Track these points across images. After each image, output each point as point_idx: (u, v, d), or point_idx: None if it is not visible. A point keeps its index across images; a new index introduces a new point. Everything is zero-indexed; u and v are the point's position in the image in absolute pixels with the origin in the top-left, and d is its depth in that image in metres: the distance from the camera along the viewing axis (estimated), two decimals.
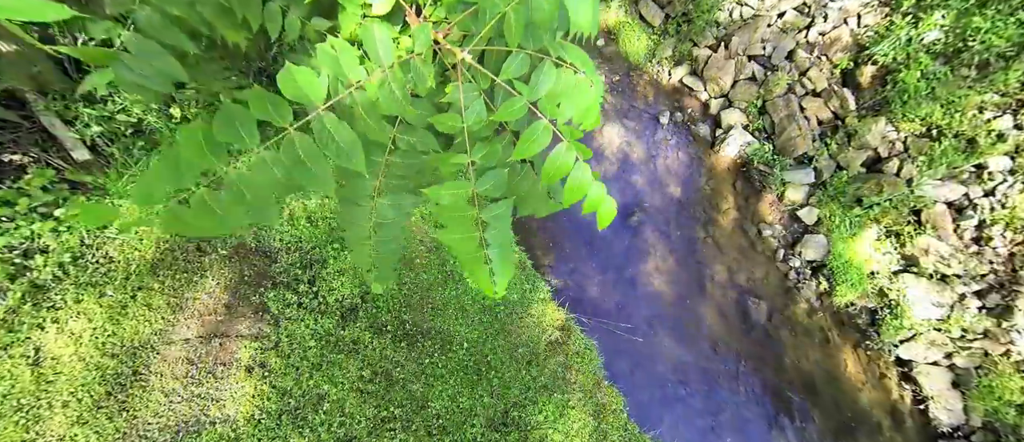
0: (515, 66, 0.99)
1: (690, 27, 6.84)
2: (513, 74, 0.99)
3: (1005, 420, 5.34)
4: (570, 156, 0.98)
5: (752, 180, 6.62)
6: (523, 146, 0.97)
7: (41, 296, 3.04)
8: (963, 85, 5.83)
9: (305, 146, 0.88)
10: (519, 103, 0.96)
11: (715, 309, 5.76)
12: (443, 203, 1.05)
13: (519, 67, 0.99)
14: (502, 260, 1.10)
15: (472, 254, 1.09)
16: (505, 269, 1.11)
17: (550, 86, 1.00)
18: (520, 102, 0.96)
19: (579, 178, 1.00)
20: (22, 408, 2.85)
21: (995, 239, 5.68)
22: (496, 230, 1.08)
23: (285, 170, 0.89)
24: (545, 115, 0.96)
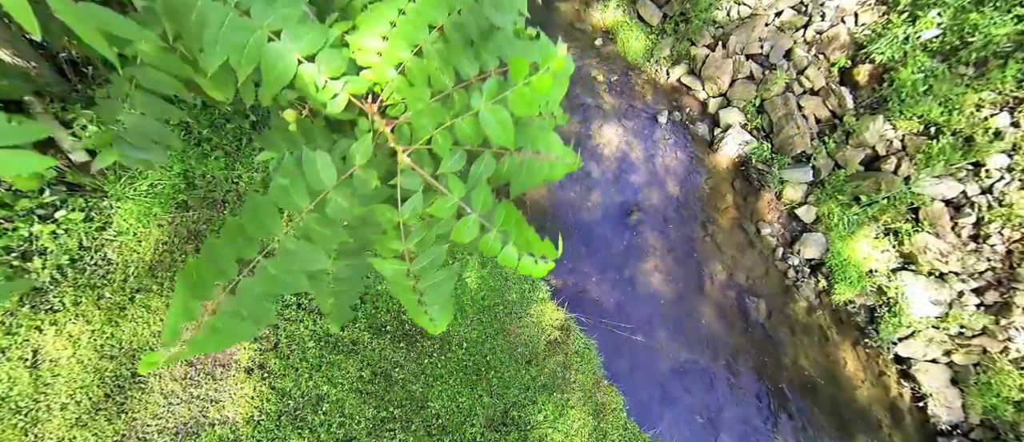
0: (451, 162, 1.11)
1: (688, 26, 6.85)
2: (450, 169, 1.11)
3: (1003, 417, 5.36)
4: (497, 243, 1.13)
5: (751, 179, 6.63)
6: (455, 234, 1.10)
7: (39, 298, 3.03)
8: (960, 83, 5.85)
9: (275, 267, 1.03)
10: (449, 202, 1.08)
11: (714, 308, 5.77)
12: (386, 275, 1.19)
13: (456, 163, 1.12)
14: (441, 310, 1.24)
15: (413, 306, 1.24)
16: (444, 316, 1.25)
17: (490, 173, 1.14)
18: (450, 201, 1.08)
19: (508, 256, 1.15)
20: (20, 411, 2.85)
21: (993, 236, 5.70)
22: (434, 293, 1.21)
23: (264, 287, 1.04)
24: (474, 210, 1.09)
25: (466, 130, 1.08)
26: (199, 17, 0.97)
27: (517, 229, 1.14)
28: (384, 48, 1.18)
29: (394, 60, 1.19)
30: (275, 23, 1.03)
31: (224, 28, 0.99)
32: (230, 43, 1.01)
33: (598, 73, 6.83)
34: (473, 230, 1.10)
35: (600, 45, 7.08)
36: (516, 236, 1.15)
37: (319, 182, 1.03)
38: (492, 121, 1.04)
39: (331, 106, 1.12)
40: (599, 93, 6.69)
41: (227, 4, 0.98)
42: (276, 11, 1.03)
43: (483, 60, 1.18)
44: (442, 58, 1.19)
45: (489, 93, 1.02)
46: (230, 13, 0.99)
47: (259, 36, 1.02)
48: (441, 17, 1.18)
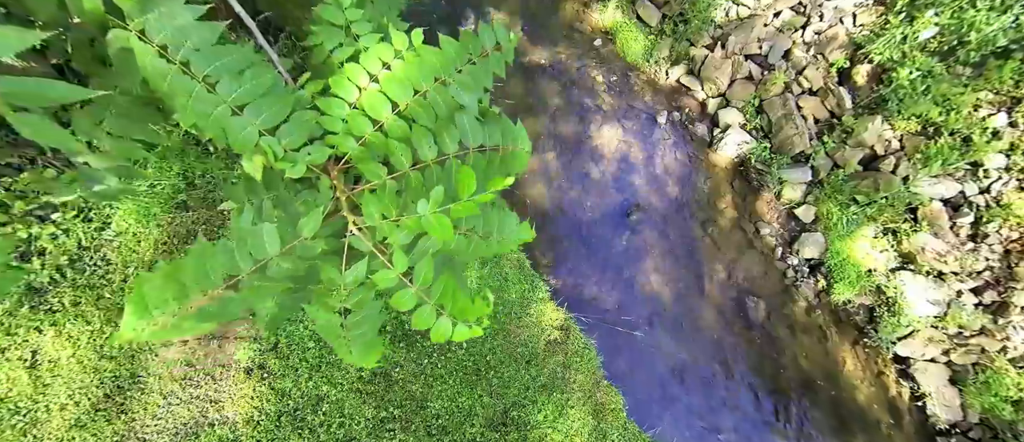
0: (400, 237, 1.18)
1: (687, 27, 6.86)
2: (399, 243, 1.17)
3: (1002, 416, 5.37)
4: (433, 315, 1.19)
5: (750, 179, 6.64)
6: (395, 301, 1.16)
7: (38, 299, 3.03)
8: (958, 83, 5.87)
9: (213, 308, 1.07)
10: (390, 275, 1.14)
11: (714, 307, 5.78)
12: (318, 322, 1.24)
13: (404, 238, 1.18)
14: (365, 353, 1.31)
15: (342, 349, 1.31)
16: (369, 357, 1.32)
17: (434, 249, 1.22)
18: (391, 275, 1.14)
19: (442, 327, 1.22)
20: (19, 411, 2.84)
21: (991, 236, 5.71)
22: (360, 339, 1.27)
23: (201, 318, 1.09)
24: (415, 283, 1.15)
25: (411, 227, 1.13)
26: (171, 86, 1.02)
27: (453, 300, 1.20)
28: (350, 115, 1.24)
29: (358, 131, 1.24)
30: (240, 97, 1.08)
31: (192, 99, 1.04)
32: (197, 112, 1.06)
33: (597, 74, 6.84)
34: (412, 301, 1.15)
35: (599, 46, 7.09)
36: (452, 307, 1.20)
37: (262, 251, 1.06)
38: (435, 225, 1.08)
39: (290, 173, 1.18)
40: (598, 93, 6.70)
41: (194, 78, 1.02)
42: (242, 85, 1.08)
43: (442, 143, 1.23)
44: (403, 136, 1.23)
45: (434, 202, 1.07)
46: (197, 87, 1.04)
47: (223, 109, 1.08)
48: (406, 96, 1.23)
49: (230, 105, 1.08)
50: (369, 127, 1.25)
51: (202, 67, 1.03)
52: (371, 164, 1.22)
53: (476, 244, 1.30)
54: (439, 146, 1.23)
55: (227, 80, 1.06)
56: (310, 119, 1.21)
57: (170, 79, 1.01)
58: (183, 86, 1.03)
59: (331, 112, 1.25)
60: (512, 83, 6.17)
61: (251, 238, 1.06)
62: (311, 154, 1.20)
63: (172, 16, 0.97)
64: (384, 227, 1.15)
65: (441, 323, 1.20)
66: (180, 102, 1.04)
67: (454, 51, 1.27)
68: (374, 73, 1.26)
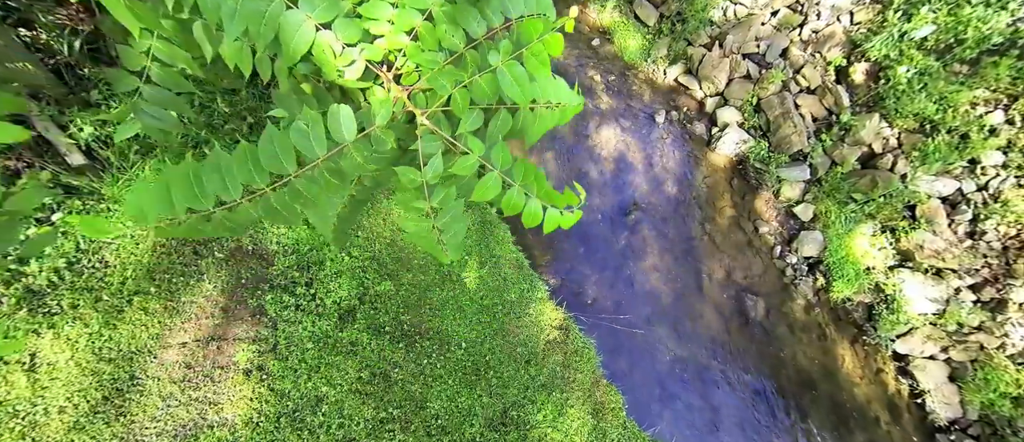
0: (470, 121, 1.15)
1: (684, 26, 6.87)
2: (469, 128, 1.14)
3: (1001, 413, 5.38)
4: (521, 198, 1.16)
5: (748, 178, 6.65)
6: (478, 192, 1.13)
7: (36, 301, 3.02)
8: (955, 81, 5.88)
9: (279, 200, 1.05)
10: (470, 160, 1.11)
11: (713, 306, 5.78)
12: (409, 230, 1.22)
13: (474, 122, 1.15)
14: (455, 246, 1.30)
15: (431, 246, 1.29)
16: (457, 250, 1.31)
17: (506, 130, 1.19)
18: (471, 159, 1.10)
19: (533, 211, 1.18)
20: (18, 414, 2.84)
21: (989, 233, 5.72)
22: (453, 236, 1.25)
23: (262, 213, 1.07)
24: (495, 167, 1.13)
25: (484, 88, 1.11)
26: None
27: (538, 184, 1.16)
28: (395, 15, 1.22)
29: (406, 25, 1.22)
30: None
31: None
32: (249, 13, 1.03)
33: (595, 73, 6.85)
34: (496, 186, 1.12)
35: (597, 45, 7.10)
36: (537, 190, 1.17)
37: (340, 134, 1.04)
38: (509, 78, 1.08)
39: (349, 72, 1.16)
40: (597, 93, 6.71)
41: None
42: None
43: (488, 18, 1.23)
44: (451, 20, 1.22)
45: (505, 51, 1.07)
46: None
47: (277, 5, 1.05)
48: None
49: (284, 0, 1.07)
50: (418, 18, 1.23)
51: None
52: (427, 54, 1.21)
53: (541, 115, 1.28)
54: (486, 21, 1.22)
55: None
56: (358, 24, 1.20)
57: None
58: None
59: (376, 16, 1.23)
60: None
61: (330, 119, 1.04)
62: (366, 51, 1.19)
63: None
64: (456, 98, 1.12)
65: (531, 204, 1.16)
66: (228, 8, 1.01)
67: None
68: None
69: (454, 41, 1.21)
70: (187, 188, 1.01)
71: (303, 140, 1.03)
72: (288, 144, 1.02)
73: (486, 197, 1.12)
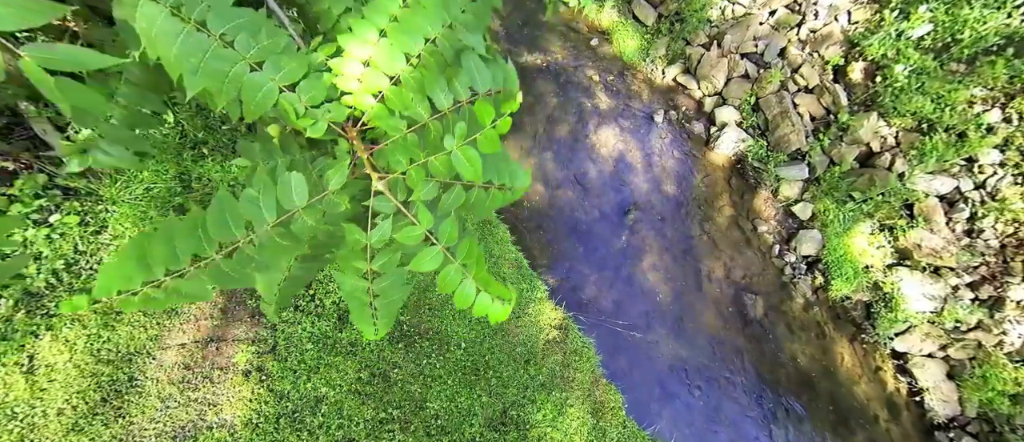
0: (425, 191, 1.18)
1: (683, 26, 6.88)
2: (422, 198, 1.17)
3: (999, 410, 5.39)
4: (458, 277, 1.17)
5: (747, 177, 6.66)
6: (417, 262, 1.15)
7: (35, 303, 3.02)
8: (952, 79, 5.90)
9: (230, 266, 1.05)
10: (416, 232, 1.13)
11: (712, 305, 5.79)
12: (344, 289, 1.22)
13: (428, 193, 1.18)
14: (386, 321, 1.30)
15: (362, 316, 1.30)
16: (386, 325, 1.31)
17: (458, 204, 1.23)
18: (417, 231, 1.13)
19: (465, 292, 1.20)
20: (16, 416, 2.83)
21: (986, 231, 5.74)
22: (387, 308, 1.26)
23: (212, 280, 1.07)
24: (440, 241, 1.15)
25: (439, 167, 1.14)
26: (182, 46, 0.99)
27: (477, 267, 1.18)
28: (364, 74, 1.24)
29: (374, 87, 1.24)
30: (257, 54, 1.07)
31: (207, 57, 1.01)
32: (212, 72, 1.03)
33: (594, 73, 6.86)
34: (437, 261, 1.14)
35: (596, 45, 7.10)
36: (476, 272, 1.18)
37: (290, 201, 1.04)
38: (463, 160, 1.11)
39: (311, 131, 1.16)
40: (595, 93, 6.71)
41: (211, 36, 1.00)
42: (259, 42, 1.06)
43: (455, 90, 1.25)
44: (418, 87, 1.24)
45: (460, 135, 1.10)
46: (213, 44, 1.01)
47: (240, 66, 1.05)
48: (417, 46, 1.23)
49: (248, 62, 1.07)
50: (384, 82, 1.24)
51: (218, 25, 1.02)
52: (390, 119, 1.22)
53: (493, 195, 1.32)
54: (453, 93, 1.24)
55: (244, 37, 1.05)
56: (326, 80, 1.21)
57: (182, 39, 0.98)
58: (197, 45, 1.00)
59: (345, 71, 1.24)
60: None
61: (279, 187, 1.04)
62: (331, 111, 1.20)
63: None
64: (411, 174, 1.14)
65: (466, 286, 1.18)
66: (191, 63, 1.01)
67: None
68: (382, 26, 1.26)
69: (419, 110, 1.22)
70: (139, 259, 1.01)
71: (253, 208, 1.03)
72: (238, 212, 1.02)
73: (424, 269, 1.14)
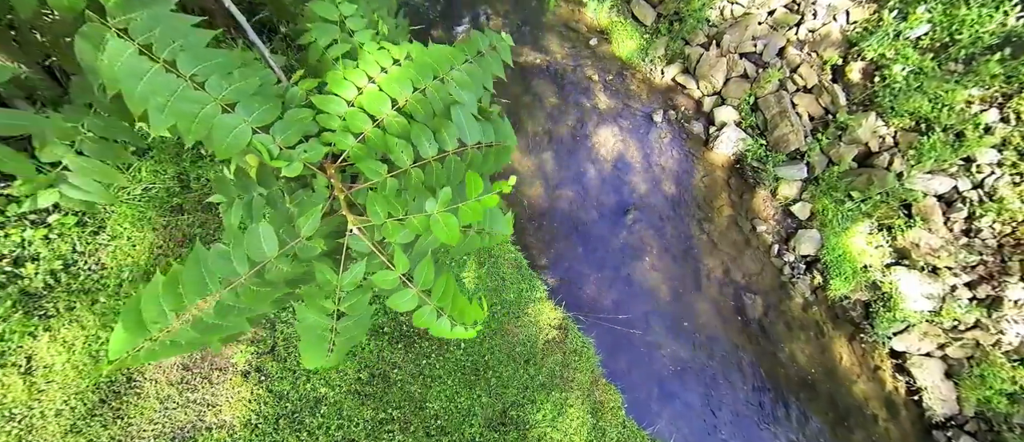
0: (401, 236, 1.15)
1: (682, 26, 6.89)
2: (399, 242, 1.15)
3: (997, 409, 5.41)
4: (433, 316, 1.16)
5: (746, 176, 6.67)
6: (394, 302, 1.13)
7: (32, 304, 3.00)
8: (950, 79, 5.92)
9: (210, 317, 1.02)
10: (391, 276, 1.11)
11: (711, 305, 5.80)
12: (304, 323, 1.18)
13: (404, 237, 1.16)
14: (342, 349, 1.26)
15: (314, 348, 1.24)
16: (339, 357, 1.26)
17: (434, 247, 1.20)
18: (393, 275, 1.11)
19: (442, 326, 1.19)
20: (14, 418, 2.82)
21: (984, 231, 5.76)
22: (344, 344, 1.22)
23: (199, 334, 1.04)
24: (416, 286, 1.13)
25: (417, 225, 1.12)
26: (147, 85, 0.94)
27: (453, 302, 1.19)
28: (348, 114, 1.21)
29: (356, 128, 1.21)
30: (230, 96, 1.02)
31: (174, 98, 0.96)
32: (179, 112, 0.98)
33: (593, 73, 6.86)
34: (412, 302, 1.14)
35: (595, 45, 7.10)
36: (452, 308, 1.18)
37: (260, 253, 1.02)
38: (442, 225, 1.08)
39: (287, 171, 1.14)
40: (594, 93, 6.71)
41: (180, 77, 0.96)
42: (232, 83, 1.02)
43: (442, 140, 1.21)
44: (403, 133, 1.21)
45: (443, 201, 1.06)
46: (182, 85, 0.96)
47: (211, 108, 1.00)
48: (405, 93, 1.21)
49: (219, 103, 1.02)
50: (368, 124, 1.22)
51: (189, 66, 0.97)
52: (371, 162, 1.20)
53: (471, 239, 1.31)
54: (439, 143, 1.21)
55: (216, 79, 1.00)
56: (305, 117, 1.18)
57: (148, 78, 0.93)
58: (165, 85, 0.95)
59: (328, 109, 1.22)
60: (509, 82, 6.17)
61: (248, 240, 1.02)
62: (307, 152, 1.16)
63: (165, 17, 0.93)
64: (388, 226, 1.12)
65: (441, 323, 1.19)
66: (157, 102, 0.95)
67: (450, 51, 1.28)
68: (372, 75, 1.25)
69: (402, 157, 1.19)
70: (137, 321, 0.99)
71: (224, 263, 1.00)
72: (210, 268, 1.00)
73: (402, 310, 1.14)
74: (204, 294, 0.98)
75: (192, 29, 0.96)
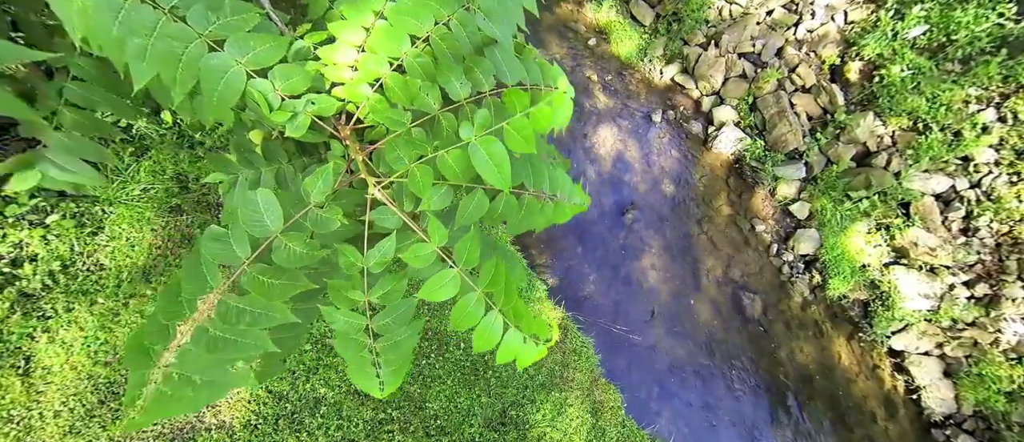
0: (434, 200, 0.91)
1: (680, 26, 6.90)
2: (434, 207, 0.91)
3: (995, 408, 5.43)
4: (479, 309, 0.89)
5: (744, 176, 6.68)
6: (428, 291, 0.89)
7: (30, 305, 3.00)
8: (947, 79, 5.94)
9: (219, 328, 0.82)
10: (426, 250, 0.87)
11: (710, 304, 5.81)
12: (336, 328, 0.92)
13: (440, 200, 0.92)
14: (395, 371, 0.97)
15: (359, 366, 0.97)
16: (396, 378, 0.98)
17: (481, 215, 0.94)
18: (427, 249, 0.87)
19: (489, 329, 0.90)
20: (13, 419, 2.81)
21: (982, 230, 5.78)
22: (392, 352, 0.96)
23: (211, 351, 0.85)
24: (457, 262, 0.87)
25: (452, 166, 0.88)
26: (123, 25, 0.77)
27: (507, 296, 0.90)
28: (359, 60, 0.98)
29: (370, 75, 0.98)
30: (218, 31, 0.83)
31: (154, 37, 0.79)
32: (161, 55, 0.80)
33: (592, 73, 6.87)
34: (452, 288, 0.89)
35: (594, 45, 7.11)
36: (504, 304, 0.90)
37: (262, 228, 0.82)
38: (484, 156, 0.84)
39: (290, 129, 0.91)
40: (593, 93, 6.72)
41: (157, 9, 0.79)
42: (221, 17, 0.83)
43: (475, 79, 0.98)
44: (427, 74, 0.99)
45: (481, 123, 0.83)
46: (161, 19, 0.79)
47: (196, 46, 0.82)
48: (425, 26, 0.97)
49: (206, 40, 0.82)
50: (385, 68, 0.97)
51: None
52: (391, 112, 0.96)
53: (529, 204, 0.98)
54: (472, 83, 0.97)
55: (200, 8, 0.81)
56: (311, 68, 0.96)
57: (123, 15, 0.76)
58: (141, 21, 0.77)
59: (337, 59, 0.98)
60: None
61: (246, 213, 0.81)
62: (315, 104, 0.93)
63: None
64: (414, 175, 0.88)
65: (491, 322, 0.88)
66: (136, 46, 0.78)
67: None
68: (380, 7, 0.98)
69: (428, 100, 0.96)
70: (138, 356, 0.82)
71: (221, 246, 0.80)
72: (208, 257, 0.81)
73: (438, 298, 0.88)
74: (204, 292, 0.80)
75: None
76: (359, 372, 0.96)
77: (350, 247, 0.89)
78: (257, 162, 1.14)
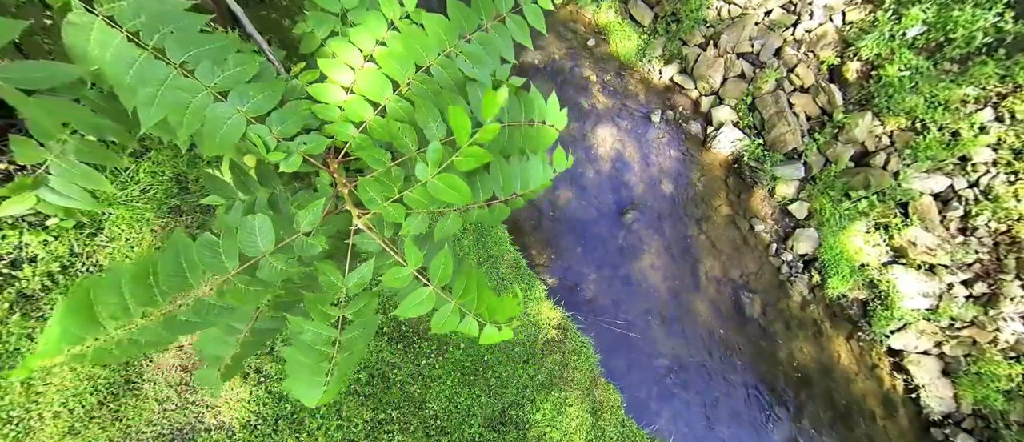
0: (414, 225, 1.02)
1: (679, 26, 6.91)
2: (412, 232, 1.02)
3: (994, 406, 5.44)
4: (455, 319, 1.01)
5: (743, 176, 6.70)
6: (405, 308, 0.99)
7: (30, 306, 2.99)
8: (945, 79, 5.96)
9: (187, 314, 0.88)
10: (403, 273, 0.98)
11: (709, 304, 5.81)
12: (303, 338, 1.01)
13: (417, 226, 1.03)
14: (344, 370, 1.07)
15: (310, 377, 1.04)
16: (340, 386, 1.09)
17: (456, 230, 1.07)
18: (405, 272, 0.98)
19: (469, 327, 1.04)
20: (12, 420, 2.81)
21: (980, 229, 5.80)
22: (345, 364, 1.07)
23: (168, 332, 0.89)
24: (433, 281, 0.98)
25: (419, 199, 0.99)
26: (136, 76, 0.87)
27: (480, 298, 1.02)
28: (347, 102, 1.09)
29: (356, 116, 1.10)
30: (222, 84, 0.94)
31: (165, 87, 0.90)
32: (170, 103, 0.91)
33: (591, 73, 6.88)
34: (428, 304, 0.99)
35: (593, 45, 7.12)
36: (477, 306, 1.03)
37: (254, 247, 0.90)
38: (443, 188, 0.94)
39: (284, 165, 1.03)
40: (592, 93, 6.73)
41: (169, 64, 0.89)
42: (225, 70, 0.94)
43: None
44: (407, 117, 1.09)
45: (434, 162, 0.92)
46: (172, 73, 0.90)
47: (203, 97, 0.93)
48: (407, 73, 1.08)
49: (211, 92, 0.94)
50: (368, 111, 1.10)
51: (179, 53, 0.89)
52: (373, 151, 1.07)
53: (497, 209, 1.11)
54: (447, 125, 1.06)
55: (207, 64, 0.92)
56: (304, 108, 1.07)
57: (137, 67, 0.87)
58: (154, 74, 0.88)
59: (326, 99, 1.11)
60: None
61: (242, 234, 0.90)
62: (307, 144, 1.06)
63: (153, 1, 0.86)
64: (387, 212, 1.00)
65: (466, 323, 1.03)
66: (147, 93, 0.88)
67: (461, 17, 1.09)
68: (368, 51, 1.10)
69: (405, 142, 1.06)
70: (87, 313, 0.83)
71: (211, 256, 0.87)
72: (194, 260, 0.86)
73: (417, 314, 0.99)
74: (182, 289, 0.85)
75: (184, 13, 0.90)
76: (303, 380, 1.03)
77: (330, 266, 0.98)
78: (252, 186, 1.23)
